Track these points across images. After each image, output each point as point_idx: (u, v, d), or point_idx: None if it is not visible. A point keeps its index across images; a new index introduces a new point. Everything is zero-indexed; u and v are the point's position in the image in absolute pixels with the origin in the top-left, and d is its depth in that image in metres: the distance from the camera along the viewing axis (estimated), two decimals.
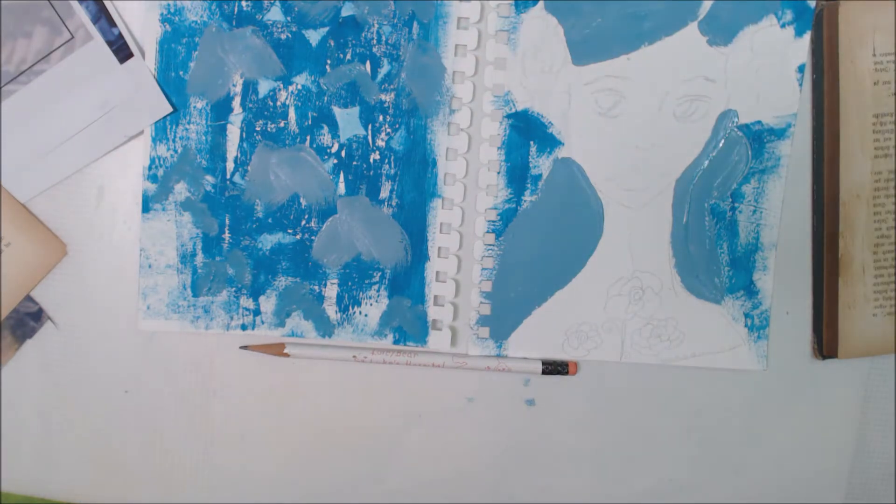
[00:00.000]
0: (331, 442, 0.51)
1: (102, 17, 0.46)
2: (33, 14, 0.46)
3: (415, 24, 0.47)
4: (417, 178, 0.49)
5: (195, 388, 0.50)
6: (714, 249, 0.49)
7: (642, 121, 0.48)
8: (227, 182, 0.48)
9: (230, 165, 0.48)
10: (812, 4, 0.47)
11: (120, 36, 0.47)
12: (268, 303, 0.49)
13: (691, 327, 0.50)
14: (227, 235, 0.49)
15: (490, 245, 0.49)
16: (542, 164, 0.49)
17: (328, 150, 0.48)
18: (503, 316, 0.50)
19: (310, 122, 0.48)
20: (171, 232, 0.49)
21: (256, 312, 0.49)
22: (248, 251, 0.49)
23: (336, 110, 0.48)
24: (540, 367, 0.50)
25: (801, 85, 0.48)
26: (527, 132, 0.48)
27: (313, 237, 0.49)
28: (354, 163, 0.49)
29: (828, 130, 0.49)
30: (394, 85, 0.48)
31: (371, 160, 0.48)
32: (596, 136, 0.48)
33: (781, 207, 0.49)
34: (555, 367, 0.50)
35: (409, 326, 0.50)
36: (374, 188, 0.49)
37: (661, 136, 0.48)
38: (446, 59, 0.48)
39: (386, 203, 0.49)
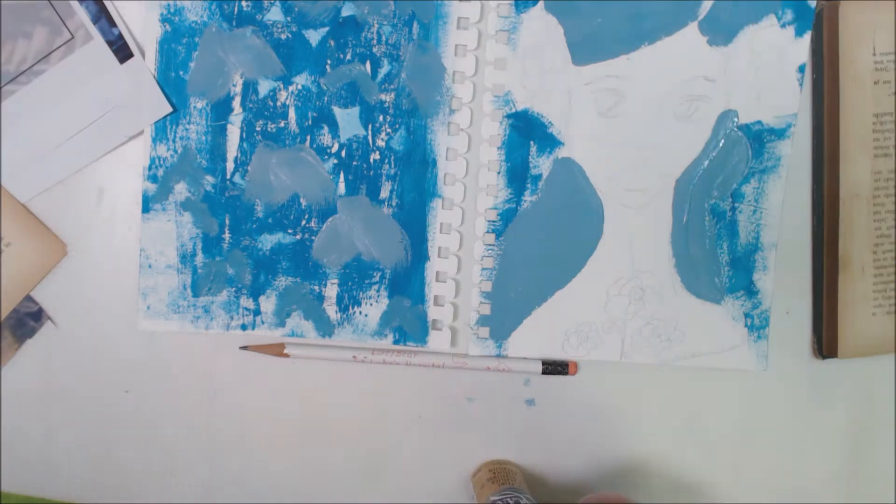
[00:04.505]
0: (331, 442, 0.51)
1: (102, 17, 0.46)
2: (33, 14, 0.46)
3: (415, 24, 0.47)
4: (417, 178, 0.49)
5: (195, 388, 0.50)
6: (714, 249, 0.49)
7: (642, 121, 0.48)
8: (227, 182, 0.48)
9: (230, 165, 0.48)
10: (812, 4, 0.47)
11: (120, 36, 0.47)
12: (268, 303, 0.49)
13: (691, 327, 0.50)
14: (227, 235, 0.49)
15: (490, 245, 0.49)
16: (542, 164, 0.49)
17: (328, 150, 0.48)
18: (503, 316, 0.50)
19: (310, 122, 0.48)
20: (171, 232, 0.49)
21: (256, 312, 0.49)
22: (248, 251, 0.49)
23: (336, 110, 0.48)
24: (540, 367, 0.50)
25: (801, 85, 0.48)
26: (527, 132, 0.48)
27: (313, 237, 0.49)
28: (354, 163, 0.49)
29: (828, 130, 0.49)
30: (394, 85, 0.48)
31: (371, 160, 0.48)
32: (596, 136, 0.48)
33: (781, 207, 0.49)
34: (555, 367, 0.50)
35: (409, 326, 0.50)
36: (374, 188, 0.49)
37: (661, 136, 0.48)
38: (446, 59, 0.48)
39: (386, 203, 0.49)
